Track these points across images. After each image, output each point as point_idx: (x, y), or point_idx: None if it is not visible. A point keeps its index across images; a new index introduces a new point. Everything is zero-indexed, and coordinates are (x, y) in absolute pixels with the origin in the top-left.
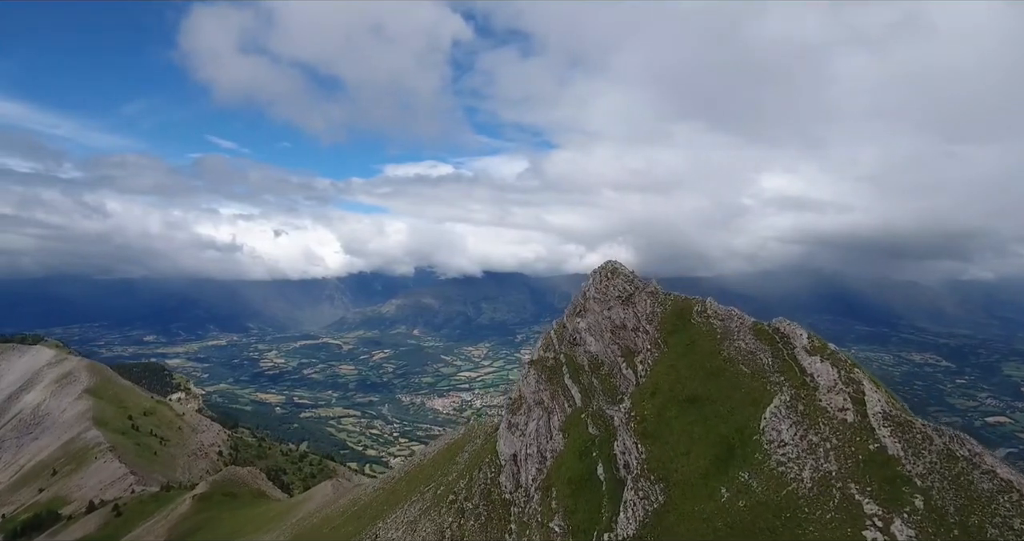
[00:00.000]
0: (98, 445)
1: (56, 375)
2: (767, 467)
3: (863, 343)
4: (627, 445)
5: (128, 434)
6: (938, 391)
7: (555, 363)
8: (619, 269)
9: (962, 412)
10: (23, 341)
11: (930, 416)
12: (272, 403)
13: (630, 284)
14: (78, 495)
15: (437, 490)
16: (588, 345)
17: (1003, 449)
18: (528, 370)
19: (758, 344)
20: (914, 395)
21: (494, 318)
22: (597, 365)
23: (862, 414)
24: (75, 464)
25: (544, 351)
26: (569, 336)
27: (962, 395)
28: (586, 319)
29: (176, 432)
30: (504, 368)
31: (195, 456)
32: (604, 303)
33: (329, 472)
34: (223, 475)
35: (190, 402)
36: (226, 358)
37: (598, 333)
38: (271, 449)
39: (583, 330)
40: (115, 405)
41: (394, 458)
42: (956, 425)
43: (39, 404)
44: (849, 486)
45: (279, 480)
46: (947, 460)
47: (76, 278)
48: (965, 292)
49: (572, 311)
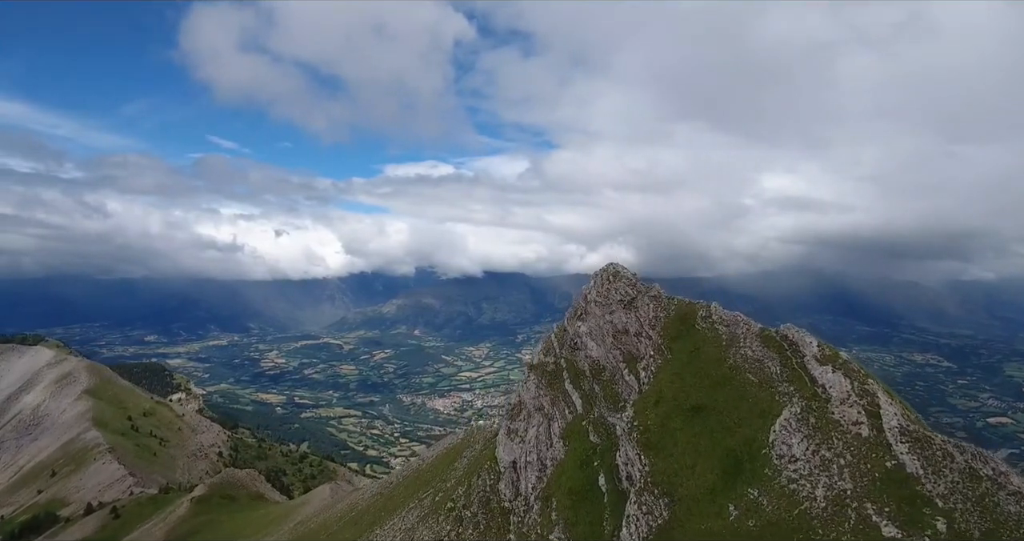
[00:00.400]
0: (97, 446)
1: (56, 376)
2: (777, 484)
3: (864, 343)
4: (630, 456)
5: (128, 435)
6: (939, 392)
7: (556, 368)
8: (621, 272)
9: (964, 413)
10: (23, 341)
11: (931, 417)
12: (273, 403)
13: (632, 288)
14: (77, 497)
15: (435, 497)
16: (589, 350)
17: (1005, 450)
18: (528, 375)
19: (766, 352)
20: (915, 396)
21: (495, 318)
22: (599, 371)
23: (877, 428)
24: (74, 465)
25: (544, 355)
26: (570, 340)
27: (963, 396)
28: (587, 323)
29: (176, 433)
30: (505, 368)
31: (195, 457)
32: (606, 307)
33: (329, 473)
34: (221, 477)
35: (190, 402)
36: (227, 358)
37: (599, 338)
38: (271, 450)
39: (584, 334)
40: (115, 406)
41: (395, 458)
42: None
43: (39, 405)
44: (865, 506)
45: (279, 481)
46: (970, 480)
47: (77, 278)
48: (966, 292)
49: (573, 314)
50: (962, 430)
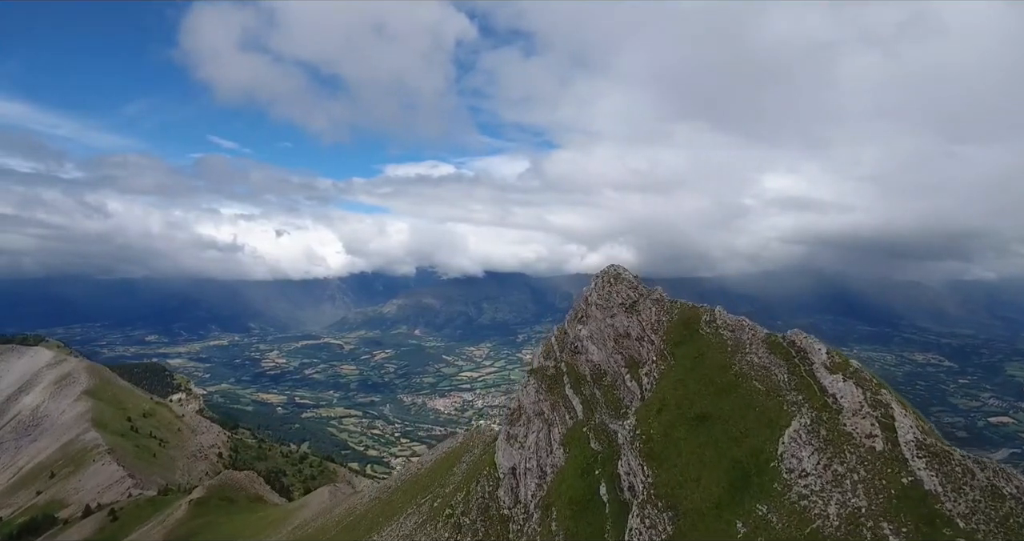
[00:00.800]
0: (96, 447)
1: (55, 376)
2: (788, 500)
3: (865, 343)
4: (632, 466)
5: (127, 436)
6: (941, 391)
7: (556, 372)
8: (622, 274)
9: (965, 412)
10: (24, 341)
11: (933, 416)
12: (273, 403)
13: (634, 290)
14: (75, 498)
15: (434, 503)
16: (590, 354)
17: (1006, 449)
18: (528, 379)
19: (772, 358)
20: (917, 395)
21: (495, 318)
22: (600, 376)
23: (892, 442)
24: (73, 466)
25: (545, 359)
26: (570, 344)
27: (965, 395)
28: (588, 326)
29: (175, 434)
30: (505, 368)
31: (195, 458)
32: (607, 310)
33: (329, 474)
34: (220, 479)
35: (191, 403)
36: (228, 358)
37: (600, 342)
38: (271, 450)
39: (585, 338)
40: (114, 407)
41: (395, 458)
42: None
43: (38, 405)
44: (881, 525)
45: (279, 482)
46: (992, 498)
47: (78, 278)
48: (967, 292)
49: (573, 317)
50: (963, 429)
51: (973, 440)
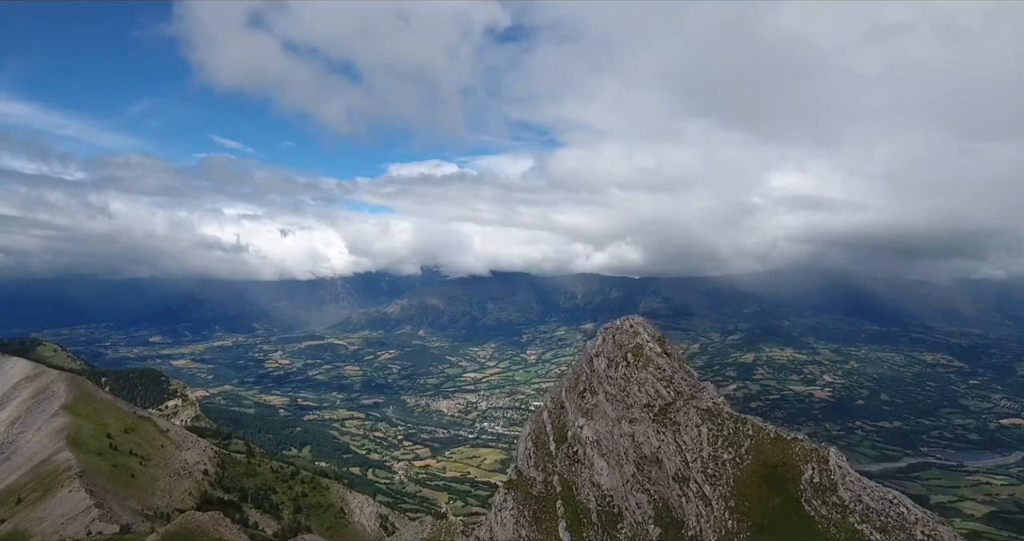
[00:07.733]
0: (68, 470)
1: (33, 390)
2: None
3: (873, 343)
4: None
5: (104, 455)
6: (951, 392)
7: (546, 492)
8: (640, 334)
9: (976, 414)
10: (21, 345)
11: (943, 418)
12: (276, 405)
13: (666, 385)
14: (39, 529)
15: None
16: (597, 471)
17: (1019, 452)
18: (504, 498)
19: None
20: (926, 396)
21: (500, 318)
22: (612, 518)
23: None
24: (41, 491)
25: (528, 464)
26: (568, 445)
27: (975, 396)
28: (594, 423)
29: (159, 450)
30: (510, 369)
31: (178, 476)
32: (622, 403)
33: (321, 490)
34: (179, 524)
35: (187, 409)
36: (231, 359)
37: (613, 456)
38: (261, 466)
39: (589, 441)
40: (93, 422)
41: (398, 462)
42: (970, 428)
43: (13, 421)
44: None
45: (267, 500)
46: None
47: (83, 279)
48: (977, 291)
49: (573, 386)
50: (975, 432)
51: (986, 443)
